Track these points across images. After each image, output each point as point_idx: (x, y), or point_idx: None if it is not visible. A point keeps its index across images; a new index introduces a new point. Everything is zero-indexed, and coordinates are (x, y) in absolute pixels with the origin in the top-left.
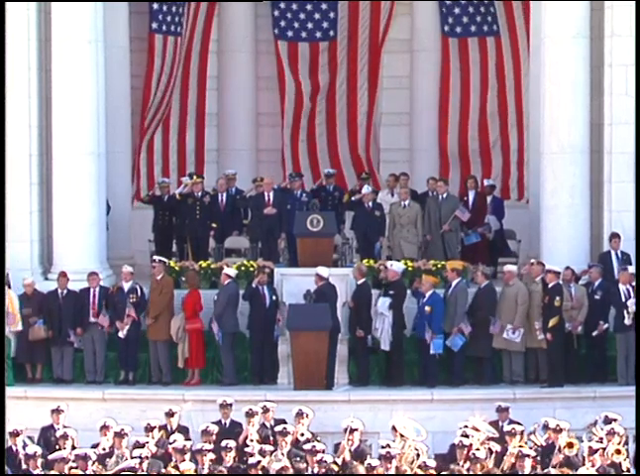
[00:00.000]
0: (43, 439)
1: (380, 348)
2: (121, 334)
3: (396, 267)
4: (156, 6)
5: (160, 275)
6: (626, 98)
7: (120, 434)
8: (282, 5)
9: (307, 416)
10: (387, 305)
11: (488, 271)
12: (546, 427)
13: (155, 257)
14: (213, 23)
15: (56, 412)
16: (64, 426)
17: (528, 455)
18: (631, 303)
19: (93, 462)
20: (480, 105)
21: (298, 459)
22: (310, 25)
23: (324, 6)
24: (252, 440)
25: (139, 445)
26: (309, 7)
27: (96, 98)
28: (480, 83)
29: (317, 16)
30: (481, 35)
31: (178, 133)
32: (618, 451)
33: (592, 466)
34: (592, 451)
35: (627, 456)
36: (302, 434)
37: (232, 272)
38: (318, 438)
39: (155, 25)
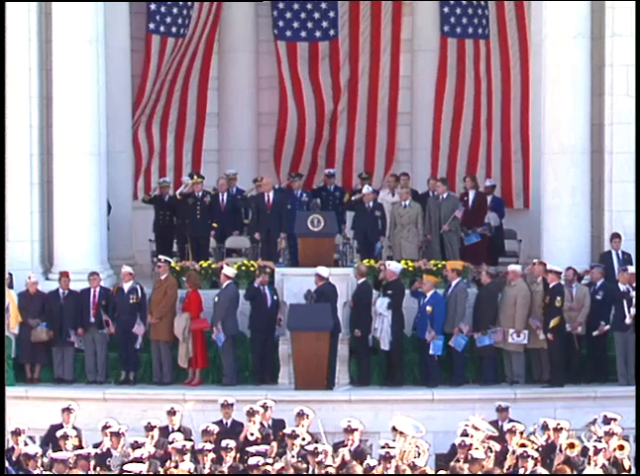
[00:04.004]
0: (50, 438)
1: (380, 348)
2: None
3: (394, 267)
4: (153, 7)
5: (165, 275)
6: (627, 98)
7: (117, 434)
8: (281, 5)
9: (308, 416)
10: (386, 306)
11: (493, 271)
12: (545, 428)
13: (160, 256)
14: (218, 24)
15: (67, 410)
16: (74, 428)
17: (531, 456)
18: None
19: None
20: (474, 107)
21: (299, 460)
22: (310, 24)
23: (324, 5)
24: (252, 434)
25: (137, 445)
26: (309, 6)
27: (97, 98)
28: (474, 85)
29: (317, 15)
30: (476, 37)
31: (176, 133)
32: (621, 447)
33: (596, 465)
34: (597, 451)
35: (629, 453)
36: (303, 439)
37: (231, 271)
38: (317, 439)
39: (152, 25)
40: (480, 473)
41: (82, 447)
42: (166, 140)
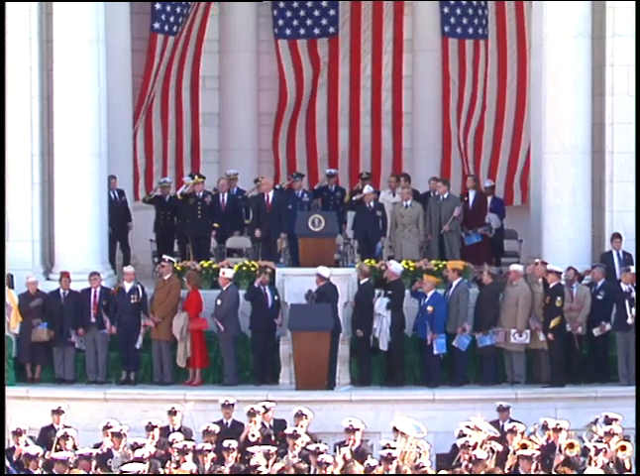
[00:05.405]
0: (42, 439)
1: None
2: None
3: (394, 268)
4: (158, 6)
5: (168, 275)
6: (628, 98)
7: (119, 435)
8: (282, 4)
9: (306, 416)
10: (385, 306)
11: (495, 270)
12: (545, 428)
13: (164, 256)
14: (207, 23)
15: (57, 412)
16: (65, 426)
17: (532, 455)
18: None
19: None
20: (470, 107)
21: (300, 460)
22: (309, 22)
23: (324, 3)
24: (253, 435)
25: (137, 446)
26: (309, 4)
27: (97, 98)
28: (472, 85)
29: (317, 13)
30: (476, 37)
31: (175, 132)
32: (623, 448)
33: (596, 465)
34: (598, 451)
35: (631, 453)
36: (302, 441)
37: (230, 273)
38: (318, 439)
39: (157, 25)
40: (482, 473)
41: (76, 448)
42: (167, 139)
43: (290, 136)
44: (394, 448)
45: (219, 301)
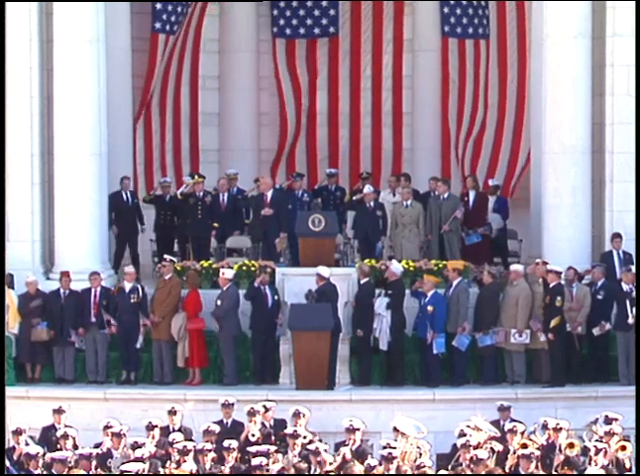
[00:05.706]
0: (44, 439)
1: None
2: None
3: (395, 267)
4: (159, 6)
5: (169, 274)
6: (628, 98)
7: (119, 435)
8: (282, 4)
9: (304, 415)
10: (385, 306)
11: (495, 270)
12: (545, 427)
13: (165, 256)
14: (205, 22)
15: (58, 412)
16: (66, 426)
17: (532, 455)
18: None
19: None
20: (472, 108)
21: (300, 460)
22: (309, 21)
23: (324, 3)
24: (253, 435)
25: (137, 446)
26: (309, 4)
27: (97, 98)
28: (473, 86)
29: (317, 12)
30: (477, 37)
31: (174, 132)
32: (623, 448)
33: (596, 465)
34: (598, 451)
35: (631, 453)
36: (304, 437)
37: (230, 273)
38: (320, 439)
39: (158, 25)
40: (482, 473)
41: (77, 447)
42: (166, 139)
43: (293, 137)
44: (395, 448)
45: (219, 302)
